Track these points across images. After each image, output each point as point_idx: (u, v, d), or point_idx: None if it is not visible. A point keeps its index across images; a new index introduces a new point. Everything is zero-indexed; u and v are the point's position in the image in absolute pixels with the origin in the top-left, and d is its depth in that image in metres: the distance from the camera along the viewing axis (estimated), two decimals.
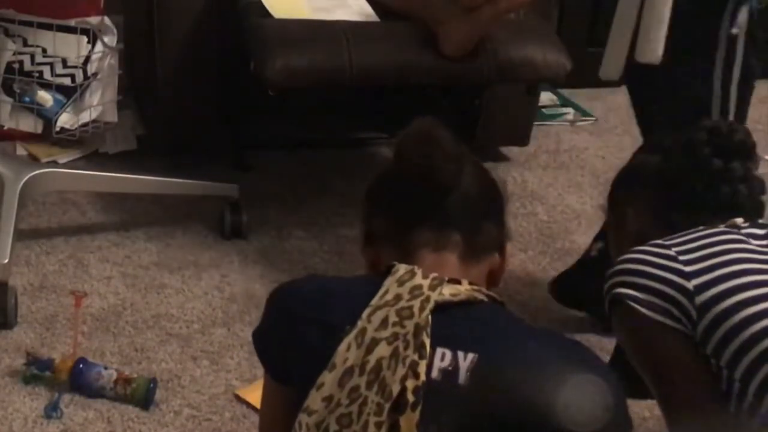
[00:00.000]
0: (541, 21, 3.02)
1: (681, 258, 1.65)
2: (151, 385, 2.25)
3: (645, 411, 2.29)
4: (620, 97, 3.75)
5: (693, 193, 1.78)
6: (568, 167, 3.28)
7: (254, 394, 2.22)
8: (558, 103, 3.65)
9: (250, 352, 2.40)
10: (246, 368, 2.36)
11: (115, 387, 2.25)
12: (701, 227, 1.71)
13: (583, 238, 2.91)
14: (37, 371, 2.28)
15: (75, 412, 2.22)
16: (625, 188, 1.89)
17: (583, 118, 3.58)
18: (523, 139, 3.31)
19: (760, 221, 1.75)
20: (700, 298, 1.61)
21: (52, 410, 2.21)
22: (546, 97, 3.59)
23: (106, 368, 2.28)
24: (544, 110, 3.55)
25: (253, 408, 2.22)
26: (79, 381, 2.26)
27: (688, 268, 1.63)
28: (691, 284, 1.62)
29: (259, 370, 2.31)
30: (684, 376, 1.64)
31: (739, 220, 1.73)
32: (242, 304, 2.56)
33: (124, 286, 2.61)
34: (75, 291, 2.43)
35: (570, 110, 3.61)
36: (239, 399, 2.28)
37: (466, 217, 1.55)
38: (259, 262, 2.73)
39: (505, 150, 3.31)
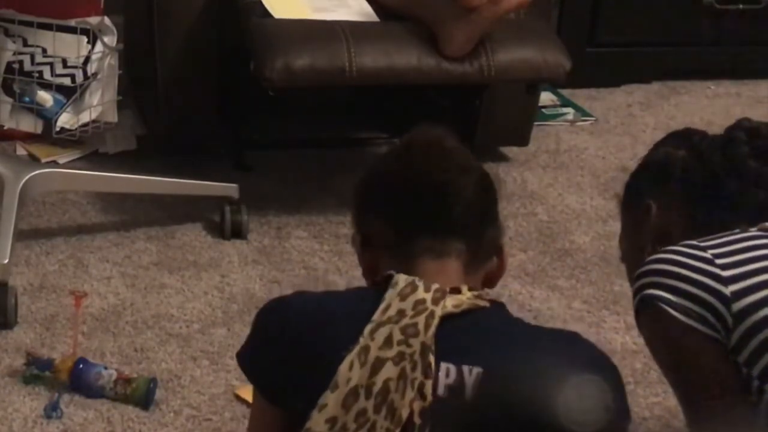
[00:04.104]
0: (541, 21, 3.03)
1: (718, 261, 1.56)
2: (151, 385, 2.25)
3: (645, 411, 2.29)
4: (620, 97, 3.78)
5: (723, 193, 1.71)
6: (568, 167, 3.28)
7: None
8: (558, 103, 3.64)
9: None
10: None
11: (115, 387, 2.25)
12: (736, 230, 1.63)
13: (583, 238, 2.91)
14: (37, 371, 2.28)
15: (75, 412, 2.22)
16: (650, 181, 1.81)
17: (583, 118, 3.58)
18: (523, 139, 3.30)
19: None
20: (738, 305, 1.53)
21: (52, 410, 2.21)
22: (546, 97, 3.58)
23: (106, 368, 2.28)
24: (544, 110, 3.54)
25: None
26: (79, 381, 2.25)
27: (725, 273, 1.55)
28: (728, 290, 1.54)
29: None
30: (715, 385, 1.55)
31: None
32: (242, 304, 2.56)
33: (124, 286, 2.61)
34: (75, 291, 2.43)
35: (570, 110, 3.61)
36: (239, 399, 2.27)
37: (470, 225, 1.53)
38: (259, 262, 2.73)
39: (505, 150, 3.31)
